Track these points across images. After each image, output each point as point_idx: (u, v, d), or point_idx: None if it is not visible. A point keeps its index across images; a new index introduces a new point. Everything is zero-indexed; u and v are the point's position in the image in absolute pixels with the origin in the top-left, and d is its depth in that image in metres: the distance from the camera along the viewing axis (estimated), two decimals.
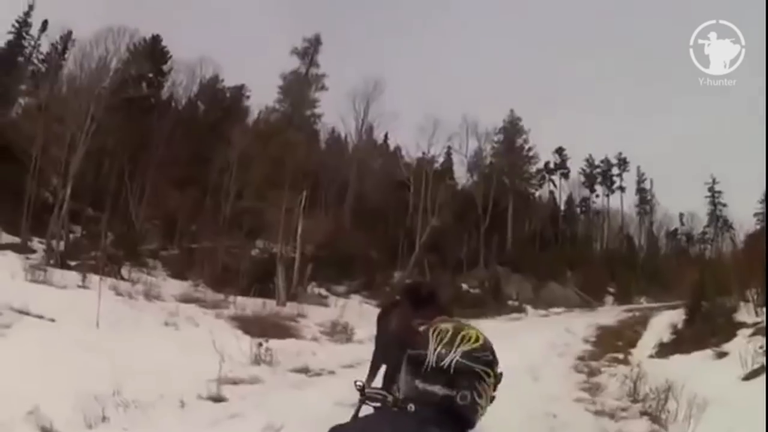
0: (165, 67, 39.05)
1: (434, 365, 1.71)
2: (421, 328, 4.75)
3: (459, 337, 1.75)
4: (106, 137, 27.37)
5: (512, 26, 67.87)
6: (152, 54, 37.25)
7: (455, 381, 1.71)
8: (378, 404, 3.67)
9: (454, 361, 1.71)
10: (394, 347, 5.13)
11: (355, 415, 6.89)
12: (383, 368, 7.23)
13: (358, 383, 4.68)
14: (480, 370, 1.73)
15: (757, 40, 13.27)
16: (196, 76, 41.44)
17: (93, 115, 25.86)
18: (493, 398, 2.31)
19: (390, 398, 3.75)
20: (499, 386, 1.80)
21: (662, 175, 54.62)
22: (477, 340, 1.76)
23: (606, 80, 65.04)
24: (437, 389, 1.71)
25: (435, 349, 1.73)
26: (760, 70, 15.40)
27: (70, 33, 36.05)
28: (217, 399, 8.61)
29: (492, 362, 1.77)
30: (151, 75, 37.10)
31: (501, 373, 1.81)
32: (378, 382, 6.96)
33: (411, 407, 1.72)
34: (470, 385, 1.72)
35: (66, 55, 35.62)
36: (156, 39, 38.19)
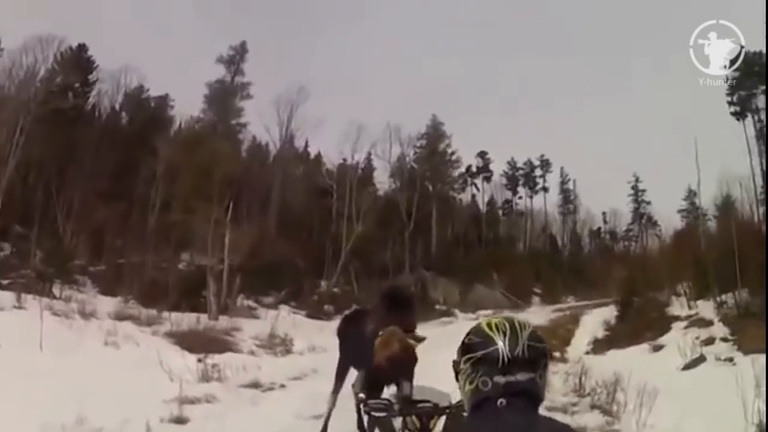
0: (91, 77, 38.13)
1: (510, 357, 1.80)
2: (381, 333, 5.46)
3: (517, 325, 1.86)
4: (33, 150, 26.94)
5: (435, 32, 68.63)
6: (78, 63, 36.50)
7: (531, 364, 1.82)
8: (384, 414, 3.74)
9: (525, 347, 1.81)
10: (371, 350, 5.50)
11: (326, 420, 7.58)
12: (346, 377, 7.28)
13: (360, 395, 5.01)
14: (545, 348, 1.87)
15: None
16: (120, 86, 40.60)
17: (22, 126, 25.59)
18: None
19: (396, 405, 4.27)
20: None
21: (585, 175, 55.50)
22: (528, 325, 1.89)
23: (527, 83, 66.11)
24: (520, 377, 1.80)
25: (505, 343, 1.81)
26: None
27: None
28: (181, 420, 8.58)
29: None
30: (77, 85, 36.39)
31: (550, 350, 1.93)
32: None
33: (502, 402, 1.80)
34: (543, 364, 1.86)
35: None
36: (82, 48, 37.30)
